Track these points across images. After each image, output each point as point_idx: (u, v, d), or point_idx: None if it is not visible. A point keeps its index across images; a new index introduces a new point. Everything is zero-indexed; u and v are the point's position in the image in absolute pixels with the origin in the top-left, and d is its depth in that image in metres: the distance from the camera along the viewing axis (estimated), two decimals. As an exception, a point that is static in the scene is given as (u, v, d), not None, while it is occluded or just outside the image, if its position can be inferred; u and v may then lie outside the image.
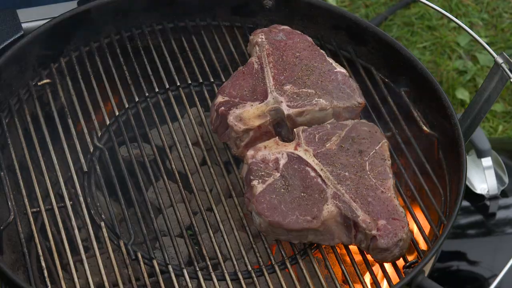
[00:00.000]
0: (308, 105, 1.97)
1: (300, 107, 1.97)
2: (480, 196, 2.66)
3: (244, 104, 1.97)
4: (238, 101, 1.97)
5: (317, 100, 1.98)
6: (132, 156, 2.04)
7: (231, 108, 1.95)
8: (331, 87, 2.02)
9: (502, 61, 1.99)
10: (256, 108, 1.96)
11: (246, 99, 1.98)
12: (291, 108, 1.96)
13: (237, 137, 1.94)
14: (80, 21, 2.17)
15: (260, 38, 2.10)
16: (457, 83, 3.85)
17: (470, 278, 2.58)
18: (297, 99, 1.98)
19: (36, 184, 1.94)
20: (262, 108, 1.96)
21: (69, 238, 1.88)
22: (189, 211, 1.95)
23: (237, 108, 1.95)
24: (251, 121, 1.94)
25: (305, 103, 1.97)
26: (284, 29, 2.14)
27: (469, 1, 4.23)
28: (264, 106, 1.96)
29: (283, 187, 1.85)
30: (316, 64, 2.06)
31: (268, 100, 1.97)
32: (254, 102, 1.97)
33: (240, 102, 1.97)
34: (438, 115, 2.10)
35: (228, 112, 1.94)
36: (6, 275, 1.73)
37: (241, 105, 1.96)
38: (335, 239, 1.85)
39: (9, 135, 2.03)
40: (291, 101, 1.97)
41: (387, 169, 1.90)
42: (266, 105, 1.96)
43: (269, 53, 2.06)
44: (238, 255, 1.97)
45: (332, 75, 2.04)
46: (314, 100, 1.98)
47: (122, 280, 1.81)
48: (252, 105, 1.96)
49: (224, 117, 1.95)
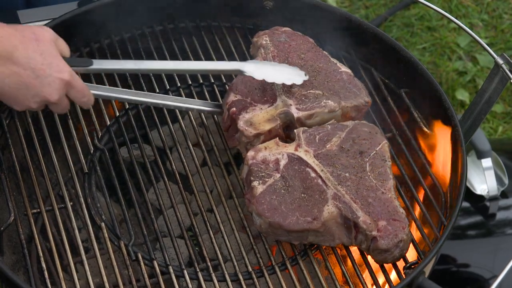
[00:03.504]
0: (317, 107, 1.97)
1: (309, 110, 1.97)
2: (480, 197, 2.66)
3: (254, 107, 1.96)
4: (249, 101, 1.97)
5: (326, 102, 1.98)
6: (133, 157, 2.04)
7: (241, 111, 1.95)
8: (338, 87, 2.02)
9: (502, 62, 1.99)
10: (265, 112, 1.96)
11: (256, 101, 1.97)
12: (301, 111, 1.96)
13: (248, 142, 1.94)
14: (81, 22, 2.17)
15: (265, 40, 2.10)
16: (457, 84, 3.85)
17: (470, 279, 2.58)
18: (305, 101, 1.98)
19: (36, 185, 1.94)
20: (271, 112, 1.96)
21: (70, 239, 1.88)
22: (190, 212, 1.95)
23: (247, 112, 1.95)
24: (261, 126, 1.94)
25: (314, 105, 1.97)
26: (285, 31, 2.14)
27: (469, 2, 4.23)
28: (273, 110, 1.96)
29: (284, 188, 1.85)
30: (321, 65, 2.06)
31: (277, 103, 1.97)
32: (264, 105, 1.97)
33: (251, 104, 1.96)
34: (438, 116, 2.10)
35: (238, 117, 1.94)
36: (6, 276, 1.73)
37: (251, 107, 1.96)
38: (335, 240, 1.85)
39: (10, 136, 2.03)
40: (299, 103, 1.97)
41: (388, 170, 1.90)
42: (276, 108, 1.96)
43: (274, 55, 2.06)
44: (239, 256, 1.97)
45: (338, 75, 2.05)
46: (323, 102, 1.98)
47: (122, 281, 1.81)
48: (262, 109, 1.96)
49: (234, 121, 1.95)
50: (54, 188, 2.07)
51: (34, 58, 1.67)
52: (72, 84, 1.74)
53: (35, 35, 1.69)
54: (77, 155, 2.00)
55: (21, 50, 1.65)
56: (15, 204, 1.92)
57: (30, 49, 1.66)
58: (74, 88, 1.75)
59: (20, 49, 1.65)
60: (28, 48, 1.66)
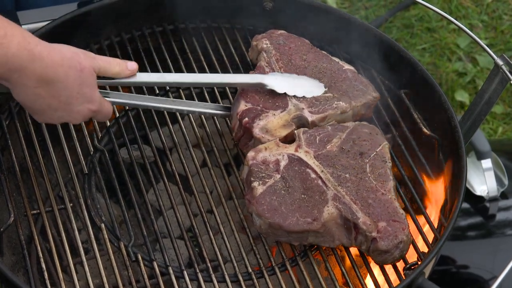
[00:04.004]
0: (329, 110, 1.98)
1: (322, 112, 1.98)
2: (480, 198, 2.66)
3: (266, 113, 1.96)
4: (261, 108, 1.97)
5: (337, 104, 1.99)
6: (133, 158, 2.04)
7: (255, 119, 1.95)
8: (345, 86, 2.03)
9: (502, 63, 1.99)
10: (279, 117, 1.96)
11: (268, 107, 1.97)
12: (314, 114, 1.97)
13: None
14: (80, 23, 2.17)
15: (265, 44, 2.10)
16: (457, 85, 3.85)
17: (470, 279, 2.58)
18: (316, 104, 1.99)
19: (36, 186, 1.94)
20: (285, 117, 1.96)
21: (69, 240, 1.88)
22: (190, 213, 1.95)
23: (261, 120, 1.95)
24: (277, 132, 1.94)
25: (326, 108, 1.98)
26: (282, 33, 2.15)
27: (469, 3, 4.23)
28: (286, 115, 1.96)
29: (284, 189, 1.85)
30: (325, 65, 2.07)
31: (289, 108, 1.97)
32: (276, 111, 1.97)
33: (263, 111, 1.96)
34: (438, 117, 2.10)
35: (252, 125, 1.94)
36: (6, 276, 1.73)
37: (264, 114, 1.96)
38: (335, 241, 1.85)
39: (10, 137, 2.03)
40: (311, 106, 1.98)
41: (388, 171, 1.90)
42: (289, 113, 1.97)
43: (277, 58, 2.07)
44: (239, 257, 1.97)
45: (343, 74, 2.06)
46: (334, 104, 1.99)
47: (122, 282, 1.81)
48: (275, 115, 1.96)
49: (248, 129, 1.95)
50: (54, 189, 2.07)
51: (72, 88, 1.72)
52: (99, 112, 1.81)
53: (80, 66, 1.73)
54: (77, 156, 2.00)
55: (62, 81, 1.70)
56: (15, 205, 1.92)
57: (70, 79, 1.71)
58: (100, 114, 1.82)
59: (62, 80, 1.69)
60: (69, 78, 1.70)
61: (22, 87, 1.67)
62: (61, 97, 1.71)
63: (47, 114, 1.75)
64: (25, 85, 1.66)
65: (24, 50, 1.61)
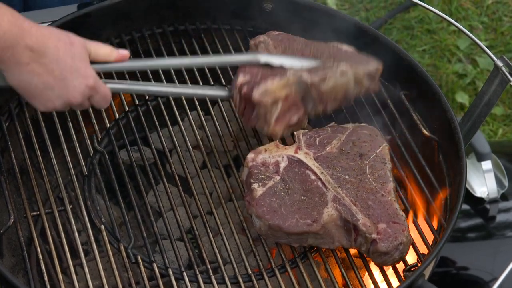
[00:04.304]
0: (329, 71, 1.94)
1: (322, 74, 1.94)
2: (480, 199, 2.66)
3: (265, 81, 1.92)
4: (260, 78, 1.93)
5: (337, 65, 1.95)
6: (132, 159, 2.04)
7: (253, 87, 1.90)
8: (346, 57, 1.99)
9: (502, 64, 1.99)
10: (279, 80, 1.91)
11: (267, 77, 1.92)
12: (313, 75, 1.93)
13: (266, 112, 1.92)
14: (80, 24, 2.17)
15: (263, 38, 2.09)
16: (457, 86, 3.85)
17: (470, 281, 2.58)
18: (316, 69, 1.94)
19: (36, 188, 1.94)
20: (285, 80, 1.91)
21: (69, 242, 1.88)
22: (189, 214, 1.95)
23: (260, 86, 1.91)
24: (277, 92, 1.89)
25: (326, 71, 1.94)
26: (280, 33, 2.14)
27: (469, 4, 4.24)
28: (285, 79, 1.92)
29: (283, 190, 1.85)
30: (323, 47, 2.04)
31: (288, 75, 1.92)
32: (275, 78, 1.92)
33: (262, 79, 1.91)
34: (438, 119, 2.10)
35: (251, 92, 1.90)
36: (6, 278, 1.73)
37: (262, 82, 1.91)
38: (335, 243, 1.85)
39: (10, 138, 2.03)
40: (311, 71, 1.94)
41: (388, 172, 1.90)
42: (288, 78, 1.91)
43: (276, 46, 2.05)
44: (238, 258, 1.97)
45: (343, 52, 2.02)
46: (334, 66, 1.95)
47: (122, 284, 1.81)
48: (274, 80, 1.92)
49: (248, 97, 1.91)
50: (54, 190, 2.07)
51: (64, 60, 1.71)
52: (96, 90, 1.78)
53: (70, 39, 1.73)
54: (77, 158, 2.00)
55: (53, 53, 1.69)
56: (15, 207, 1.92)
57: (61, 51, 1.70)
58: (98, 94, 1.79)
59: (53, 52, 1.69)
60: (59, 50, 1.70)
61: (16, 66, 1.66)
62: (54, 72, 1.69)
63: (45, 96, 1.73)
64: (19, 63, 1.66)
65: (15, 26, 1.62)
